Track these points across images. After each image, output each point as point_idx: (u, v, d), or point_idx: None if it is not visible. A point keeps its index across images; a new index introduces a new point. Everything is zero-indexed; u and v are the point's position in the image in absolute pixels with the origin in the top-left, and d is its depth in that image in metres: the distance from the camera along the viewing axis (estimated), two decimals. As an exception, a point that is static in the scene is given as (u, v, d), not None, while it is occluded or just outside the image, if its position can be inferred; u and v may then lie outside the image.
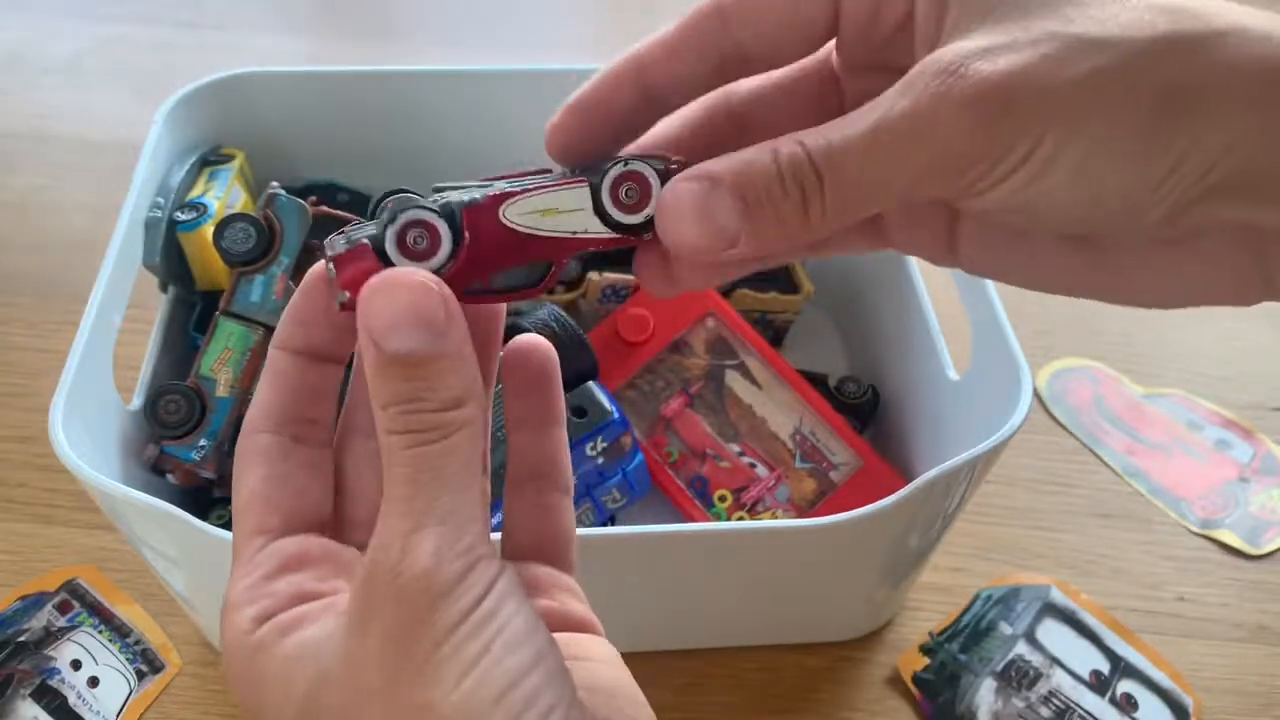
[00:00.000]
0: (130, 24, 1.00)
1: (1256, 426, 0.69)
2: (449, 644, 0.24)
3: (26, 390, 0.68)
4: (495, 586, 0.25)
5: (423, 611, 0.25)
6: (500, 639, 0.25)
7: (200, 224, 0.56)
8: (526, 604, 0.26)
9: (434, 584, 0.24)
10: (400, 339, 0.25)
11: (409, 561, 0.25)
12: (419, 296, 0.25)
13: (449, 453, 0.25)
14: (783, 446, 0.60)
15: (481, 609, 0.25)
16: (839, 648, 0.57)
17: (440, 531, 0.25)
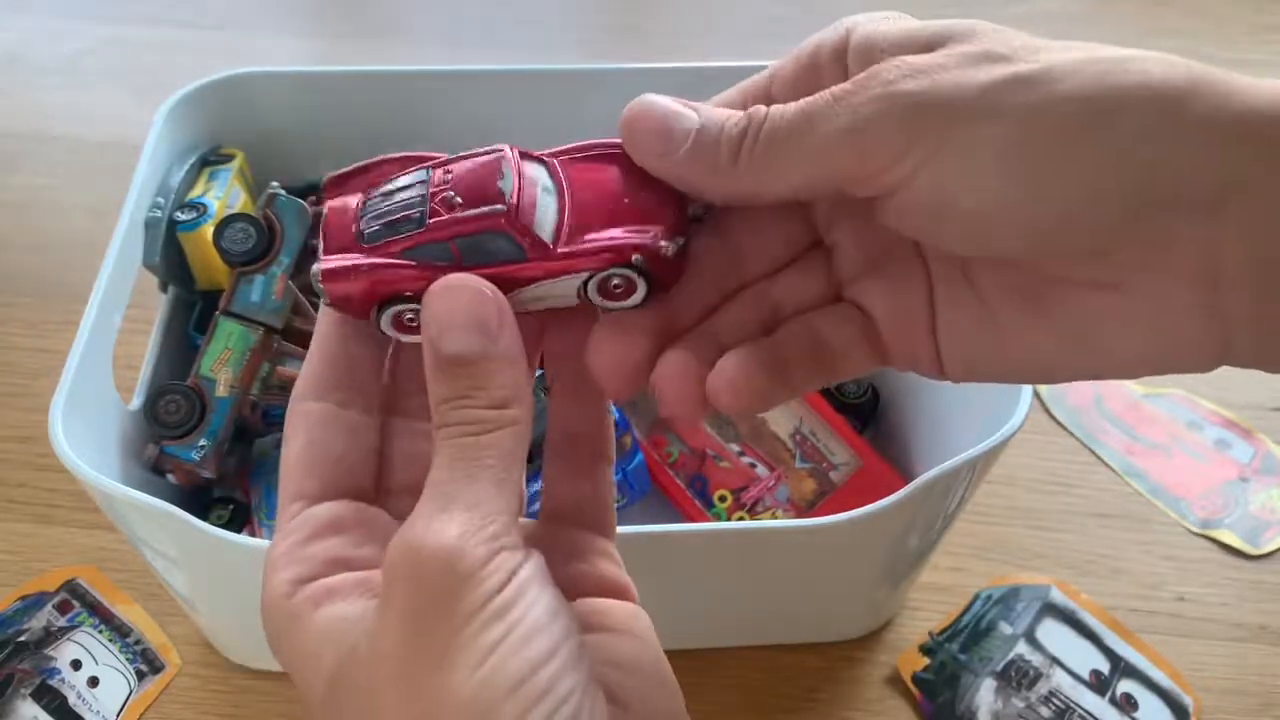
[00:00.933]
0: (130, 24, 1.00)
1: (1256, 426, 0.69)
2: (467, 630, 0.25)
3: (26, 390, 0.68)
4: (517, 575, 0.26)
5: (442, 594, 0.25)
6: (519, 628, 0.25)
7: (200, 224, 0.56)
8: (548, 591, 0.26)
9: (455, 566, 0.25)
10: (455, 340, 0.27)
11: (432, 540, 0.25)
12: (475, 301, 0.27)
13: (488, 446, 0.27)
14: (782, 446, 0.60)
15: (502, 596, 0.25)
16: (839, 648, 0.57)
17: (467, 516, 0.26)
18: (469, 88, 0.64)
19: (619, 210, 0.30)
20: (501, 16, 1.04)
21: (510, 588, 0.25)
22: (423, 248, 0.29)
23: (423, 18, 1.05)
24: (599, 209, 0.30)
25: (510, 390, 0.27)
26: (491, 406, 0.27)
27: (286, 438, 0.30)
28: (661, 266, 0.29)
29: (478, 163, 0.31)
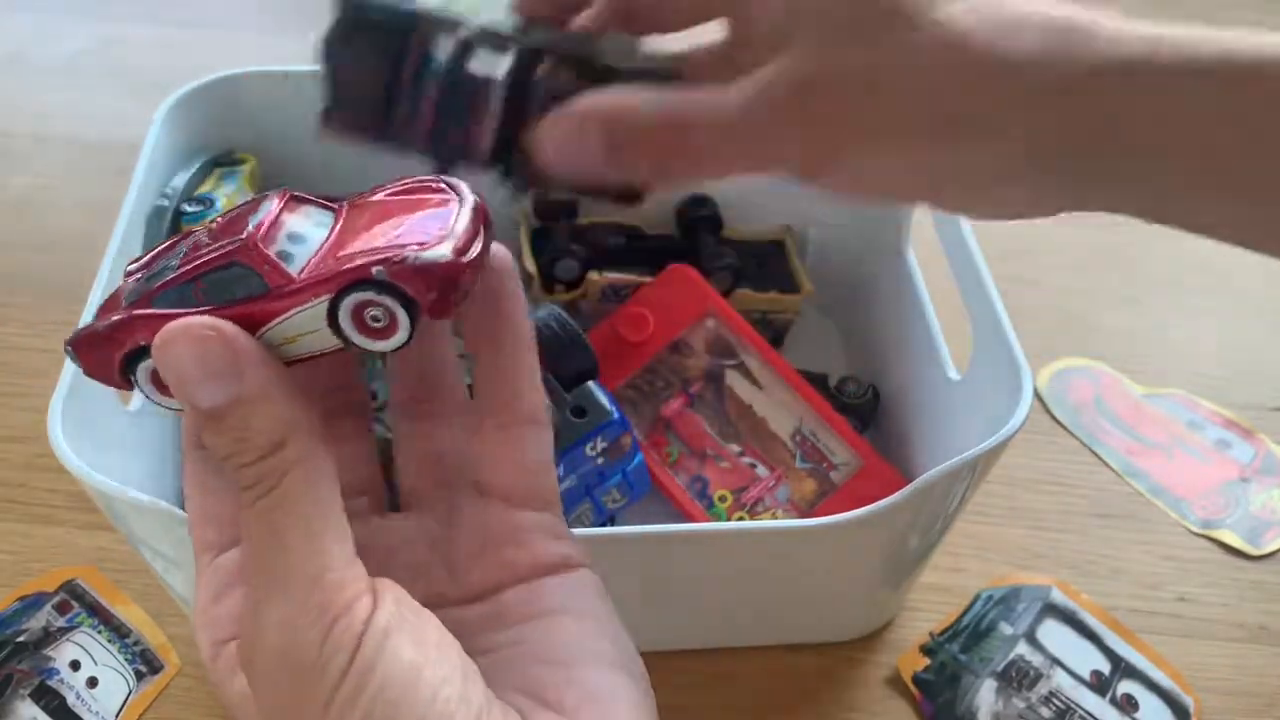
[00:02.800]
0: (130, 24, 1.00)
1: (1257, 426, 0.69)
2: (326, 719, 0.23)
3: (26, 390, 0.68)
4: (364, 640, 0.24)
5: (289, 695, 0.24)
6: (379, 701, 0.23)
7: (205, 217, 0.57)
8: (408, 635, 0.24)
9: (291, 662, 0.23)
10: (200, 394, 0.24)
11: (261, 643, 0.24)
12: (200, 345, 0.24)
13: (278, 505, 0.24)
14: (783, 446, 0.60)
15: (350, 679, 0.23)
16: (839, 648, 0.57)
17: (285, 602, 0.24)
18: (469, 87, 0.64)
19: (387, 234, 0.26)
20: (501, 16, 1.04)
21: (357, 664, 0.23)
22: (168, 293, 0.26)
23: (423, 18, 1.05)
24: (366, 237, 0.26)
25: (276, 430, 0.24)
26: (263, 456, 0.24)
27: (185, 489, 0.28)
28: (417, 281, 0.25)
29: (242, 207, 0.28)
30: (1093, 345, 0.74)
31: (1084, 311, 0.76)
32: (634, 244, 0.68)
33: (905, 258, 0.63)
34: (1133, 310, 0.77)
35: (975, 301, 0.53)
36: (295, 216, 0.27)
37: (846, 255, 0.69)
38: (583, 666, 0.27)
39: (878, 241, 0.66)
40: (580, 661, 0.27)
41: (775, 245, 0.71)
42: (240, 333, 0.25)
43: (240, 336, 0.25)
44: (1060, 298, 0.77)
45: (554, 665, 0.27)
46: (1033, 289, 0.78)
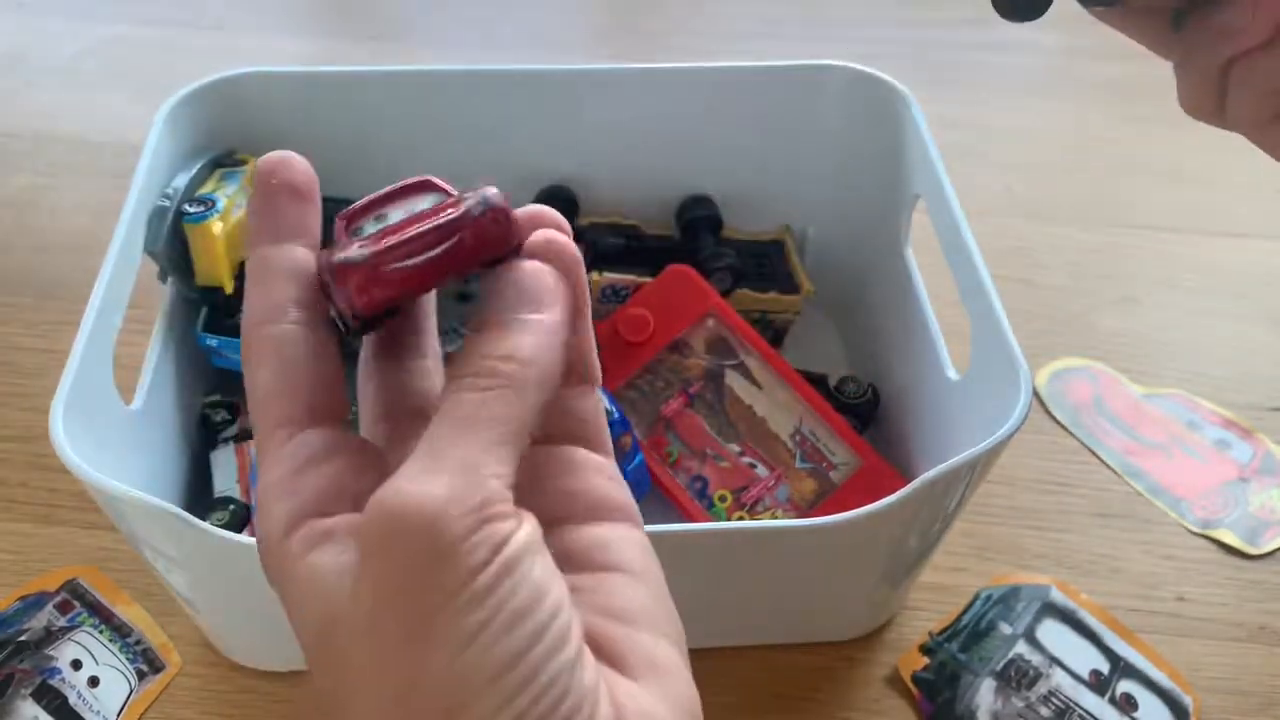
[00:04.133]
0: (130, 24, 1.00)
1: (1256, 426, 0.69)
2: (447, 611, 0.23)
3: (27, 390, 0.68)
4: (504, 550, 0.24)
5: (420, 568, 0.23)
6: (503, 612, 0.23)
7: (206, 217, 0.57)
8: (538, 564, 0.24)
9: (436, 539, 0.23)
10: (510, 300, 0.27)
11: (413, 506, 0.23)
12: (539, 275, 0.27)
13: (492, 404, 0.25)
14: (783, 446, 0.60)
15: (485, 576, 0.23)
16: (839, 648, 0.57)
17: (456, 481, 0.24)
18: (469, 88, 0.64)
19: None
20: (501, 16, 1.04)
21: (495, 565, 0.23)
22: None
23: (422, 18, 1.05)
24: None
25: (531, 350, 0.26)
26: (505, 358, 0.26)
27: (251, 367, 0.27)
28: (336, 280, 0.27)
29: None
30: (1092, 345, 0.74)
31: (1083, 311, 0.76)
32: (634, 244, 0.68)
33: (905, 258, 0.63)
34: (1132, 310, 0.77)
35: (975, 301, 0.54)
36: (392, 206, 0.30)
37: (846, 255, 0.70)
38: (644, 631, 0.27)
39: (878, 241, 0.66)
40: (641, 625, 0.27)
41: (775, 245, 0.71)
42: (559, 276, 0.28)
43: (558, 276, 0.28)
44: (1060, 298, 0.77)
45: (615, 621, 0.27)
46: (1033, 289, 0.78)
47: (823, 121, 0.66)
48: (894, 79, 0.63)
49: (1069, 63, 1.03)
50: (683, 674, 0.28)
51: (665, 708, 0.26)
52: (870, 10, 1.07)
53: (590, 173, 0.68)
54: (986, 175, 0.87)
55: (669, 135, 0.67)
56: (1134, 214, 0.85)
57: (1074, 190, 0.87)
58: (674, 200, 0.70)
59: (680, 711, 0.27)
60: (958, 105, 0.95)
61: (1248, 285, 0.79)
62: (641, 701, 0.26)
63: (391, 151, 0.66)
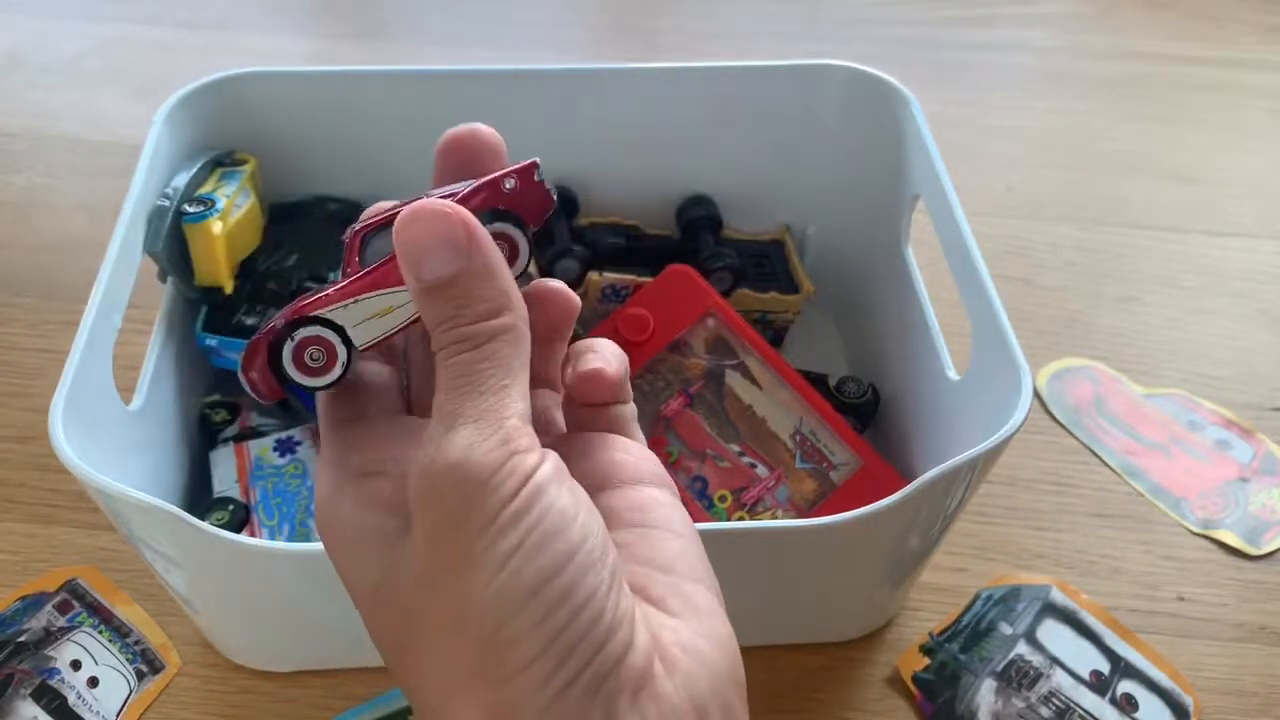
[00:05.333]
0: (130, 24, 1.00)
1: (1256, 426, 0.69)
2: (485, 537, 0.25)
3: (27, 390, 0.68)
4: (531, 478, 0.26)
5: (457, 505, 0.26)
6: (534, 534, 0.25)
7: (206, 217, 0.57)
8: (565, 491, 0.27)
9: (466, 476, 0.26)
10: (431, 265, 0.27)
11: (440, 456, 0.26)
12: (441, 221, 0.27)
13: (484, 358, 0.27)
14: (783, 446, 0.60)
15: (515, 503, 0.26)
16: (839, 648, 0.57)
17: (472, 428, 0.26)
18: (469, 88, 0.64)
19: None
20: (501, 16, 1.04)
21: (523, 493, 0.26)
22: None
23: (423, 18, 1.05)
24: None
25: (494, 301, 0.28)
26: (478, 319, 0.27)
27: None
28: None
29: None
30: (1092, 345, 0.74)
31: (1083, 311, 0.76)
32: (634, 244, 0.68)
33: (905, 258, 0.63)
34: (1132, 310, 0.77)
35: (975, 301, 0.54)
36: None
37: (846, 255, 0.69)
38: (684, 578, 0.29)
39: (878, 241, 0.66)
40: (682, 573, 0.29)
41: (775, 245, 0.71)
42: (470, 215, 0.28)
43: (470, 218, 0.28)
44: (1060, 298, 0.77)
45: (658, 569, 0.29)
46: (1033, 289, 0.78)
47: (823, 121, 0.66)
48: (894, 79, 0.63)
49: (1069, 63, 1.03)
50: (723, 618, 0.29)
51: (705, 641, 0.28)
52: (870, 10, 1.07)
53: (590, 173, 0.68)
54: (986, 175, 0.87)
55: (669, 135, 0.67)
56: (1134, 214, 0.85)
57: (1074, 190, 0.87)
58: (674, 200, 0.70)
59: (718, 647, 0.28)
60: (958, 105, 0.95)
61: (1248, 285, 0.79)
62: (681, 634, 0.27)
63: (391, 151, 0.66)
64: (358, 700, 0.54)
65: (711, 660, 0.27)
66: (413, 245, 0.28)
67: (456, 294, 0.27)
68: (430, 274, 0.27)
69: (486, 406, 0.27)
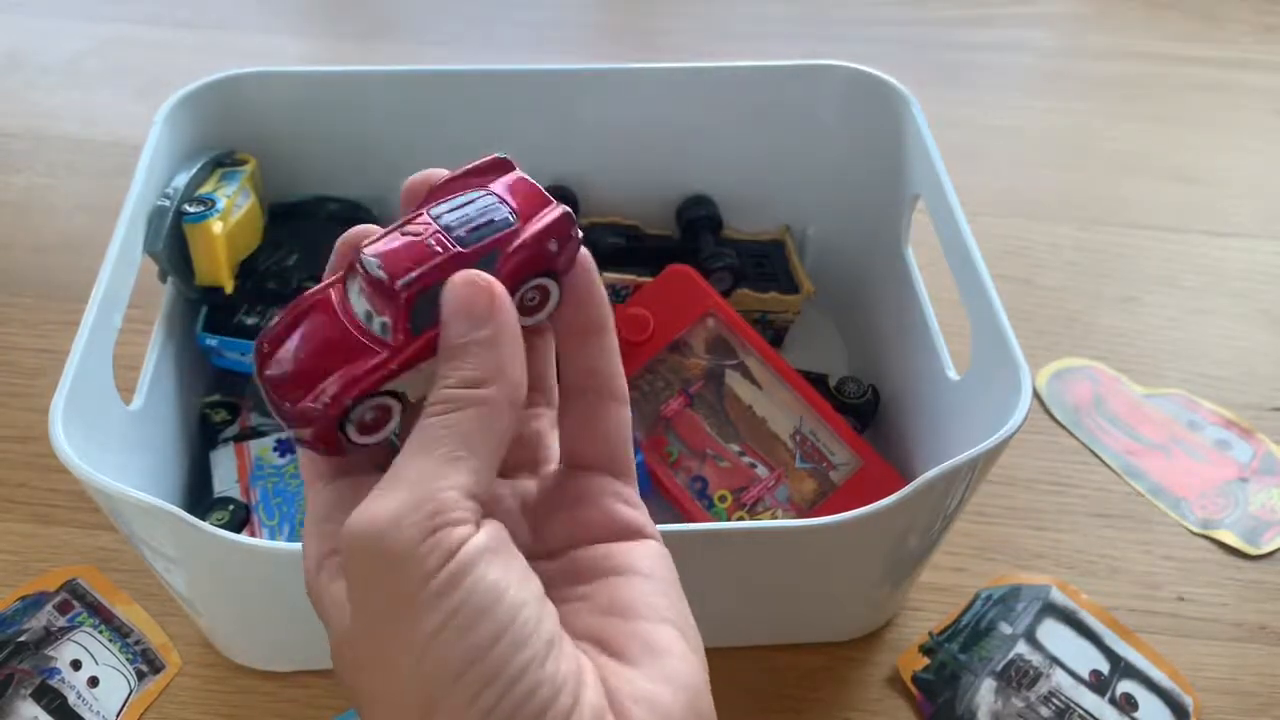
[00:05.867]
0: (130, 24, 1.00)
1: (1256, 426, 0.69)
2: (409, 617, 0.25)
3: (27, 390, 0.68)
4: (459, 553, 0.25)
5: (376, 579, 0.25)
6: (461, 613, 0.25)
7: (206, 217, 0.57)
8: (497, 565, 0.26)
9: (386, 549, 0.25)
10: (455, 330, 0.28)
11: (365, 523, 0.26)
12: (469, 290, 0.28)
13: (446, 425, 0.27)
14: (783, 446, 0.60)
15: (439, 579, 0.25)
16: (839, 648, 0.57)
17: (405, 495, 0.26)
18: (469, 88, 0.64)
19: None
20: (501, 16, 1.04)
21: (447, 570, 0.25)
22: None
23: (423, 18, 1.05)
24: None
25: (484, 370, 0.27)
26: (461, 386, 0.27)
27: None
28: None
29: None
30: (1092, 345, 0.74)
31: (1083, 311, 0.76)
32: (634, 244, 0.68)
33: (905, 258, 0.63)
34: (1132, 310, 0.77)
35: (975, 301, 0.54)
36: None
37: (846, 255, 0.70)
38: (644, 621, 0.29)
39: (878, 241, 0.66)
40: (642, 616, 0.29)
41: (775, 245, 0.71)
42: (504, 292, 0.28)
43: (502, 293, 0.28)
44: (1059, 298, 0.77)
45: (618, 618, 0.29)
46: (1032, 289, 0.78)
47: (823, 121, 0.66)
48: (894, 79, 0.63)
49: (1069, 63, 1.03)
50: (683, 654, 0.29)
51: (663, 687, 0.27)
52: (870, 10, 1.07)
53: (590, 173, 0.68)
54: (986, 175, 0.87)
55: (669, 135, 0.67)
56: (1134, 214, 0.85)
57: (1074, 190, 0.87)
58: (674, 200, 0.70)
59: (678, 688, 0.28)
60: (958, 105, 0.95)
61: (1248, 285, 0.79)
62: (638, 685, 0.27)
63: (391, 151, 0.66)
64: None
65: (666, 706, 0.27)
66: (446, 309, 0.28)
67: (456, 355, 0.28)
68: (454, 338, 0.28)
69: (428, 473, 0.26)
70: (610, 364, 0.32)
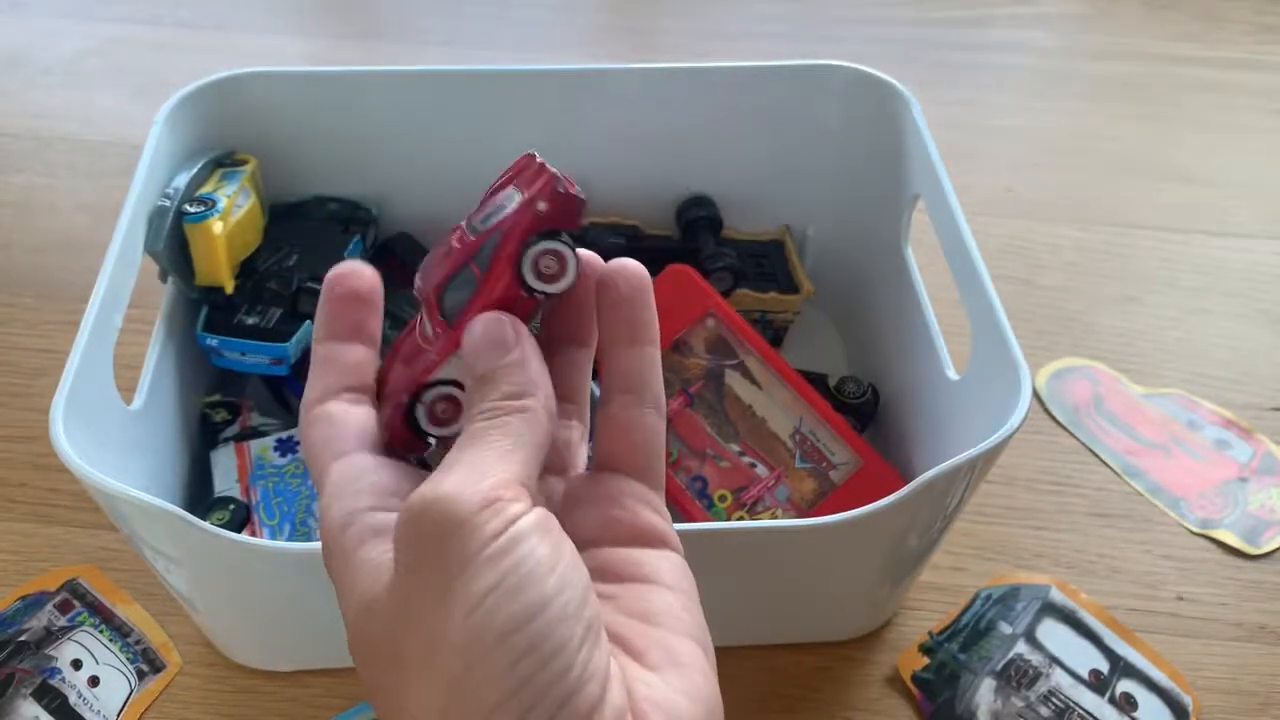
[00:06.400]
0: (130, 24, 1.00)
1: (1256, 426, 0.69)
2: (462, 576, 0.26)
3: (27, 390, 0.68)
4: (515, 523, 0.27)
5: (438, 539, 0.26)
6: (513, 576, 0.26)
7: (207, 217, 0.57)
8: (549, 541, 0.27)
9: (449, 512, 0.26)
10: (484, 361, 0.30)
11: (428, 492, 0.27)
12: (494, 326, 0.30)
13: (495, 426, 0.29)
14: (783, 446, 0.60)
15: (496, 544, 0.26)
16: (839, 647, 0.57)
17: (464, 472, 0.27)
18: (469, 88, 0.64)
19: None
20: (501, 16, 1.04)
21: (504, 537, 0.26)
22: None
23: (422, 18, 1.05)
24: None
25: (521, 386, 0.30)
26: (503, 398, 0.29)
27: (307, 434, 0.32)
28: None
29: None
30: (1091, 345, 0.74)
31: (1083, 311, 0.76)
32: (634, 244, 0.68)
33: (905, 258, 0.63)
34: (1132, 310, 0.77)
35: (974, 301, 0.54)
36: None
37: (846, 255, 0.70)
38: (668, 631, 0.30)
39: (878, 241, 0.66)
40: (667, 626, 0.30)
41: (775, 245, 0.71)
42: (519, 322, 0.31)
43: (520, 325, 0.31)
44: (1059, 298, 0.77)
45: (643, 622, 0.29)
46: (1032, 289, 0.78)
47: (823, 121, 0.66)
48: (894, 79, 0.63)
49: (1069, 63, 1.03)
50: (704, 670, 0.30)
51: (681, 697, 0.28)
52: (870, 10, 1.07)
53: (590, 173, 0.68)
54: (986, 175, 0.87)
55: (669, 135, 0.67)
56: (1134, 214, 0.85)
57: (1074, 190, 0.87)
58: (674, 200, 0.70)
59: (697, 702, 0.28)
60: (958, 105, 0.95)
61: (1247, 285, 0.79)
62: (657, 690, 0.28)
63: (391, 151, 0.66)
64: (358, 700, 0.54)
65: (684, 717, 0.28)
66: (472, 348, 0.30)
67: (493, 379, 0.30)
68: (481, 369, 0.30)
69: (483, 458, 0.28)
70: (654, 374, 0.33)
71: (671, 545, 0.33)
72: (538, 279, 0.31)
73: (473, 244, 0.32)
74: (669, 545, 0.32)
